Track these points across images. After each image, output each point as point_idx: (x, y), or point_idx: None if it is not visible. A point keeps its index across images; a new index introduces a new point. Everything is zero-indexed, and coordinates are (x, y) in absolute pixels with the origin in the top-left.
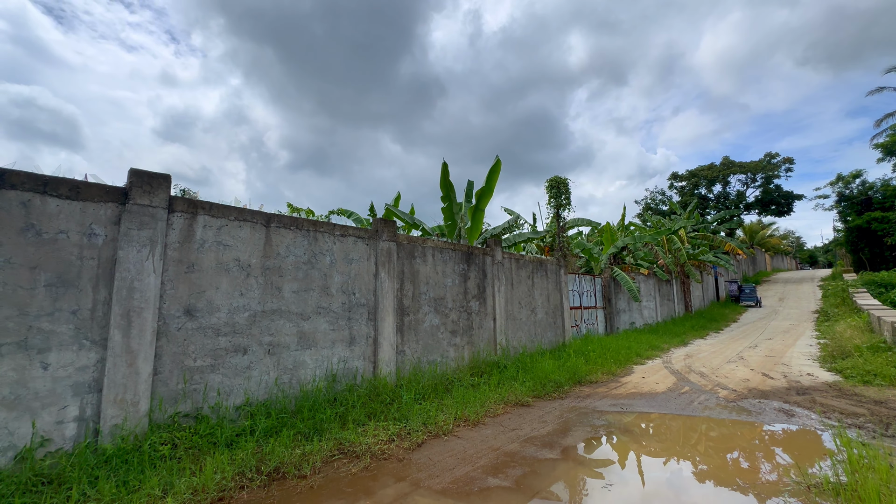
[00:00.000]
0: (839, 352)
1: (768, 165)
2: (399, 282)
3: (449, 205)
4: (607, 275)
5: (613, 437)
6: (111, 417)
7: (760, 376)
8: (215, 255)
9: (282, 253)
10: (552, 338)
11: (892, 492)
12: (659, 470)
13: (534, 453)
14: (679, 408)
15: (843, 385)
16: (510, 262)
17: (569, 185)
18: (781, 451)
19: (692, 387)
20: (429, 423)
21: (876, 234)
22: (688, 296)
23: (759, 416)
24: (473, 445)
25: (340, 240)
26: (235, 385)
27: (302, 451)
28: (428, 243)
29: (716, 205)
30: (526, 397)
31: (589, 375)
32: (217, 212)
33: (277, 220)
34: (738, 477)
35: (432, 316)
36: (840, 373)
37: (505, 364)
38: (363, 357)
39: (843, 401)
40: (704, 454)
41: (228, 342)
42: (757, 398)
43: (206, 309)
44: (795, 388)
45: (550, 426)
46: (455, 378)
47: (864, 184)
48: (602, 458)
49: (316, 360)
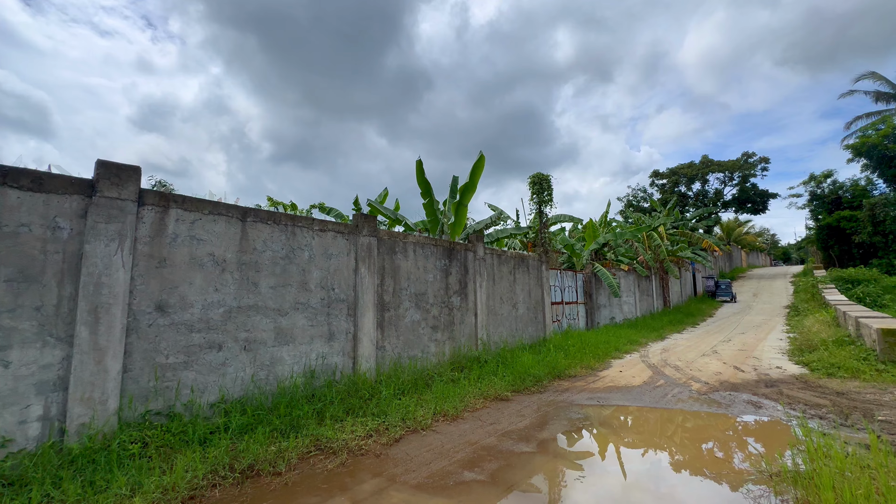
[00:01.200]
0: (807, 345)
1: (745, 164)
2: (380, 277)
3: (429, 201)
4: (589, 270)
5: (589, 429)
6: (78, 416)
7: (732, 369)
8: (188, 250)
9: (258, 248)
10: (533, 333)
11: (845, 479)
12: (632, 461)
13: (510, 447)
14: (653, 401)
15: (809, 377)
16: (492, 258)
17: (551, 181)
18: (749, 442)
19: (667, 380)
20: (407, 419)
21: (845, 232)
22: (666, 291)
23: (728, 409)
24: (451, 440)
25: (319, 235)
26: (210, 382)
27: (277, 447)
28: (409, 239)
29: (695, 202)
30: (505, 392)
31: (568, 370)
32: (190, 205)
33: (254, 214)
34: (707, 467)
35: (413, 311)
36: (807, 365)
37: (486, 359)
38: (343, 353)
39: (808, 392)
40: (676, 445)
41: (202, 338)
42: (728, 391)
43: (178, 305)
44: (764, 381)
45: (528, 420)
46: (436, 373)
47: (835, 183)
48: (577, 450)
49: (294, 356)
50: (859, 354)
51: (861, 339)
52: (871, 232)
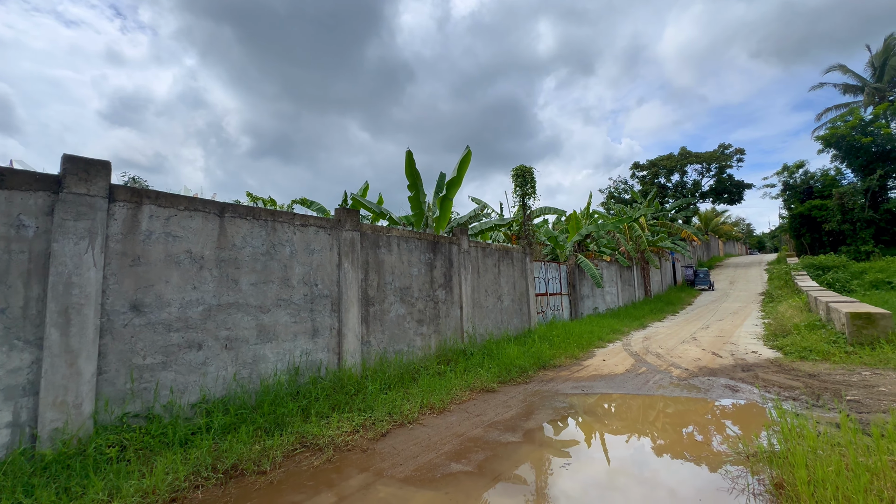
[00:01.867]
0: (781, 330)
1: (722, 156)
2: (363, 272)
3: (416, 194)
4: (572, 262)
5: (574, 418)
6: (50, 421)
7: (711, 355)
8: (164, 247)
9: (238, 244)
10: (518, 324)
11: (817, 457)
12: (615, 447)
13: (497, 437)
14: (636, 388)
15: (783, 361)
16: (476, 251)
17: (534, 173)
18: (727, 424)
19: (649, 367)
20: (394, 413)
21: (816, 221)
22: (647, 281)
23: (707, 393)
24: (438, 432)
25: (301, 230)
26: (190, 382)
27: (262, 446)
28: (393, 233)
29: (674, 193)
30: (491, 383)
31: (553, 360)
32: (164, 201)
33: (232, 209)
34: (688, 450)
35: (398, 306)
36: (781, 350)
37: (472, 351)
38: (327, 349)
39: (781, 375)
40: (658, 430)
41: (181, 338)
42: (706, 376)
43: (155, 304)
44: (741, 366)
45: (514, 410)
46: (422, 367)
47: (807, 174)
48: (563, 438)
49: (277, 353)
50: (830, 338)
51: (831, 322)
52: (840, 220)
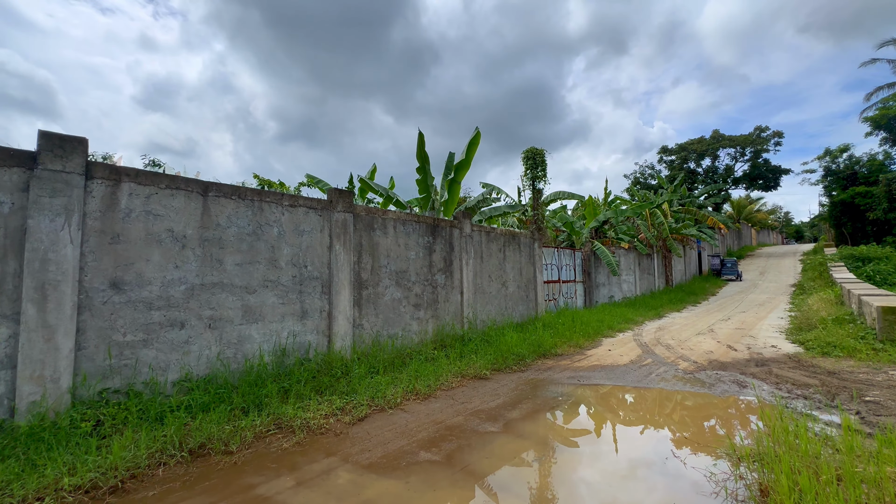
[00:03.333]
0: (806, 324)
1: (758, 139)
2: (356, 254)
3: (424, 177)
4: (588, 248)
5: (561, 409)
6: (28, 394)
7: (725, 348)
8: (144, 226)
9: (222, 224)
10: (524, 311)
11: (812, 463)
12: (594, 443)
13: (476, 426)
14: (636, 380)
15: (802, 356)
16: (480, 235)
17: (545, 156)
18: (724, 422)
19: (655, 359)
20: (377, 397)
21: (859, 209)
22: (668, 270)
23: (711, 388)
24: (417, 419)
25: (290, 210)
26: (172, 360)
27: (234, 426)
28: (389, 215)
29: (704, 179)
30: (484, 370)
31: (554, 348)
32: (144, 179)
33: (216, 188)
34: (675, 448)
35: (394, 289)
36: (802, 344)
37: (470, 337)
38: (316, 331)
39: (798, 372)
40: (647, 426)
41: (163, 316)
42: (715, 370)
43: (135, 282)
44: (755, 360)
45: (501, 399)
46: (416, 352)
47: (851, 158)
48: (541, 431)
49: (263, 334)
50: (857, 333)
51: (862, 317)
52: (887, 208)
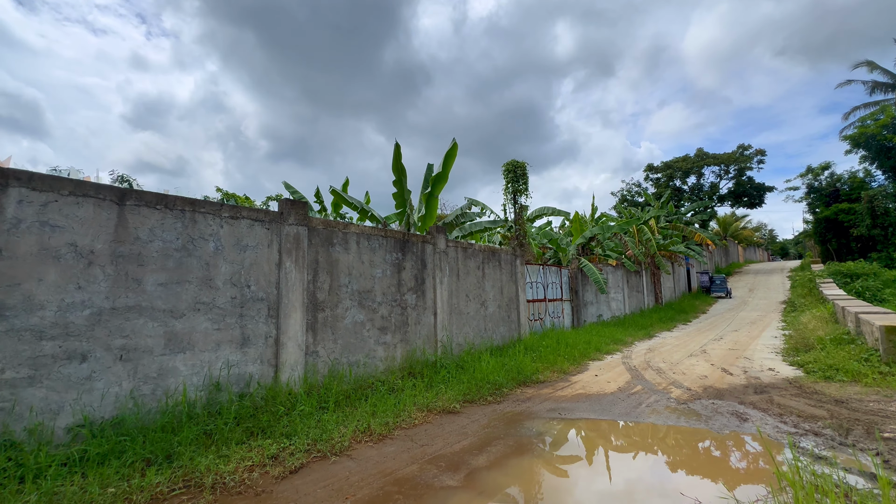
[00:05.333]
0: (802, 344)
1: (741, 157)
2: (312, 272)
3: (400, 190)
4: (575, 266)
5: (536, 452)
6: None
7: (720, 372)
8: (38, 239)
9: (143, 237)
10: (505, 333)
11: None
12: (572, 496)
13: (431, 479)
14: (624, 412)
15: (803, 381)
16: (456, 251)
17: (526, 169)
18: (726, 467)
19: (645, 386)
20: (320, 441)
21: (843, 225)
22: (658, 287)
23: (708, 422)
24: (363, 469)
25: (230, 223)
26: (67, 400)
27: (129, 485)
28: (351, 228)
29: (690, 196)
30: (454, 403)
31: (536, 374)
32: (40, 184)
33: (136, 196)
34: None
35: (356, 311)
36: (802, 367)
37: (443, 363)
38: (260, 360)
39: (801, 400)
40: (636, 474)
41: (58, 347)
42: (711, 398)
43: (21, 306)
44: (754, 386)
45: (469, 440)
46: (380, 381)
47: (833, 176)
48: (510, 483)
49: (192, 365)
50: (860, 354)
51: (861, 336)
52: (870, 225)
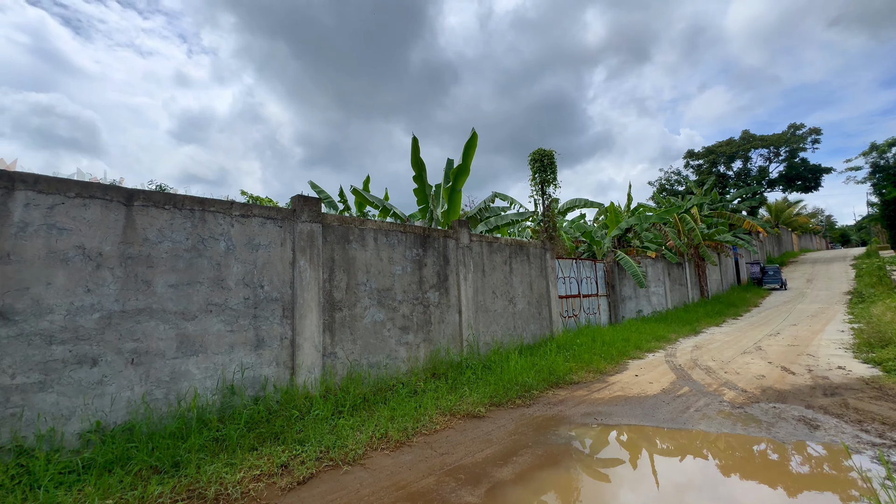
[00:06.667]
0: (877, 339)
1: (793, 137)
2: (328, 271)
3: (421, 185)
4: (610, 259)
5: (568, 464)
6: None
7: (779, 371)
8: (45, 242)
9: (152, 238)
10: (536, 331)
11: None
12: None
13: (448, 494)
14: (669, 417)
15: (883, 381)
16: (481, 246)
17: (554, 157)
18: (801, 490)
19: (693, 387)
20: (333, 448)
21: None
22: (703, 279)
23: (770, 430)
24: (376, 481)
25: (241, 221)
26: (78, 405)
27: (131, 496)
28: (367, 225)
29: (735, 182)
30: (479, 406)
31: (569, 375)
32: (46, 187)
33: (144, 197)
34: None
35: (375, 310)
36: (879, 365)
37: (468, 364)
38: (276, 362)
39: (884, 404)
40: (687, 494)
41: (68, 351)
42: (772, 402)
43: (30, 310)
44: (822, 388)
45: (494, 448)
46: (402, 382)
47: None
48: (537, 501)
49: (205, 368)
50: None
51: None
52: None
